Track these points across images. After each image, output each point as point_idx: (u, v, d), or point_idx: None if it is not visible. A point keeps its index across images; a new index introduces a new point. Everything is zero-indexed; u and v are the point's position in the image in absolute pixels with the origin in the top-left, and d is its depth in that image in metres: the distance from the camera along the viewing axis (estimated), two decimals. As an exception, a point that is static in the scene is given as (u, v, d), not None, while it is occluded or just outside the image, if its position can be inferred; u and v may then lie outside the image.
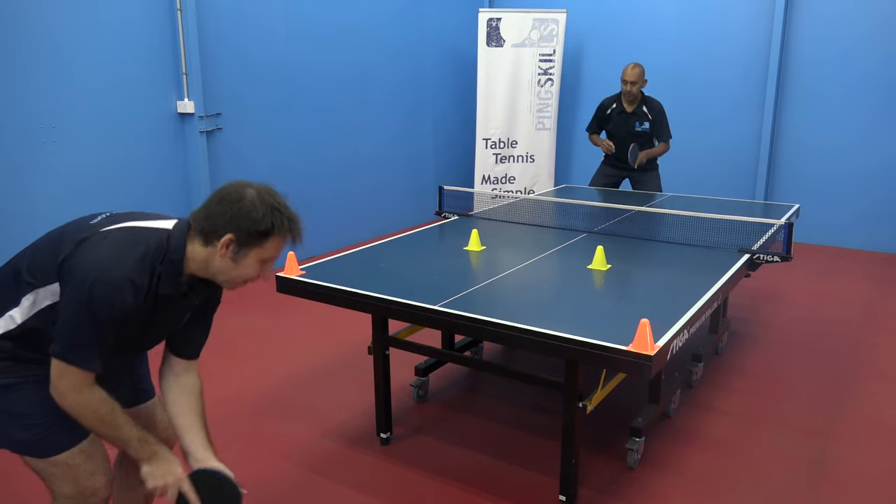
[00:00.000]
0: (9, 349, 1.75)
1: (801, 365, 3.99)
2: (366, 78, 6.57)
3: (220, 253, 1.72)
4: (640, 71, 5.09)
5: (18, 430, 1.78)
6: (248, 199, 1.70)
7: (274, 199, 1.75)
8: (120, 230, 1.72)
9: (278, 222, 1.72)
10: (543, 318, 2.41)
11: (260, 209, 1.70)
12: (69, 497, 1.83)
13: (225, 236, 1.70)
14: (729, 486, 2.84)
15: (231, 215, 1.70)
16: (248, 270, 1.77)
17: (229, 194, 1.72)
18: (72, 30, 4.33)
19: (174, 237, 1.74)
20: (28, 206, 4.22)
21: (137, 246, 1.69)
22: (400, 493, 2.81)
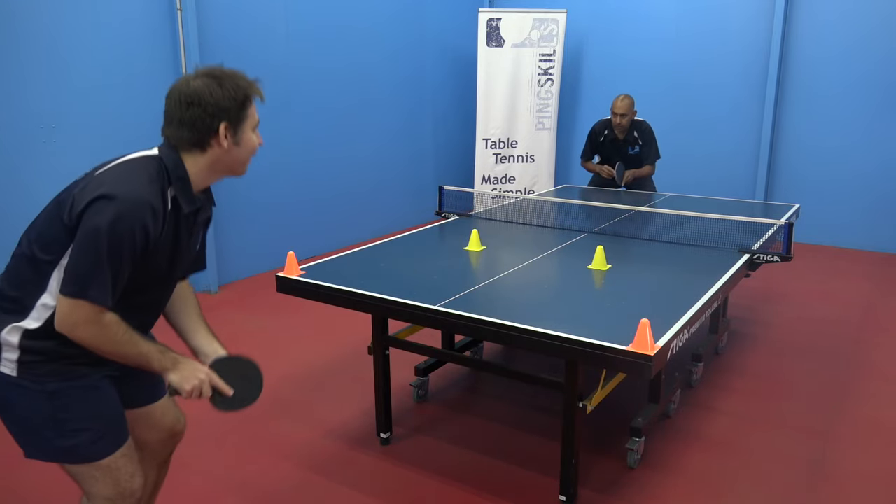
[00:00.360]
0: (51, 349, 1.68)
1: (801, 365, 3.99)
2: (366, 78, 6.57)
3: (225, 144, 1.73)
4: (629, 103, 5.10)
5: (63, 438, 1.72)
6: (208, 88, 1.69)
7: (223, 73, 1.73)
8: (115, 167, 1.68)
9: (246, 87, 1.74)
10: (543, 318, 2.41)
11: (225, 87, 1.70)
12: (107, 499, 1.81)
13: (220, 128, 1.70)
14: (729, 486, 2.84)
15: (209, 109, 1.68)
16: (252, 142, 1.79)
17: (189, 96, 1.68)
18: (72, 29, 4.33)
19: (168, 157, 1.72)
20: (28, 206, 4.19)
21: (141, 173, 1.66)
22: (400, 493, 2.81)
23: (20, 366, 1.68)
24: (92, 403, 1.75)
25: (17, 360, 1.68)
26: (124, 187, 1.60)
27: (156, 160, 1.71)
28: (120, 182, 1.62)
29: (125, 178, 1.64)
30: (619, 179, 5.16)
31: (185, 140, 1.72)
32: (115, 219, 1.56)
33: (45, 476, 2.83)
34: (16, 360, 1.68)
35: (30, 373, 1.68)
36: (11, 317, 1.69)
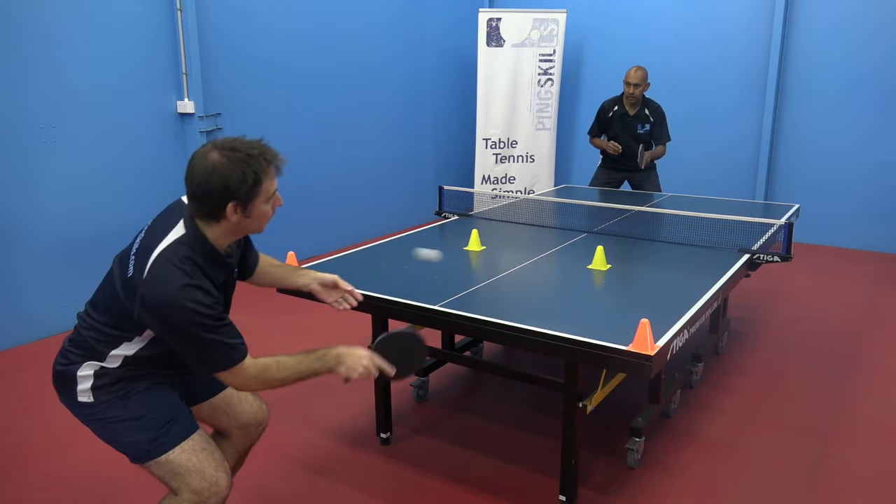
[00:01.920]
0: (119, 375, 1.91)
1: (801, 365, 3.99)
2: (366, 78, 6.57)
3: (234, 219, 1.81)
4: (643, 74, 5.05)
5: (143, 432, 1.90)
6: (221, 167, 1.73)
7: (240, 151, 1.77)
8: (155, 266, 1.76)
9: (259, 168, 1.78)
10: (543, 319, 2.41)
11: (237, 169, 1.74)
12: (195, 492, 1.93)
13: (228, 207, 1.77)
14: (729, 486, 2.84)
15: (219, 190, 1.74)
16: (265, 213, 1.88)
17: (203, 172, 1.74)
18: (71, 30, 4.33)
19: (192, 236, 1.81)
20: (28, 206, 4.23)
21: (175, 268, 1.75)
22: (400, 493, 2.81)
23: (94, 392, 1.90)
24: (156, 397, 1.94)
25: (90, 387, 1.89)
26: (171, 290, 1.71)
27: (182, 249, 1.79)
28: (164, 286, 1.72)
29: (166, 279, 1.73)
30: (641, 161, 5.10)
31: (199, 212, 1.81)
32: (195, 302, 1.72)
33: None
34: (90, 388, 1.89)
35: (104, 391, 1.90)
36: (88, 357, 1.90)
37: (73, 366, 1.90)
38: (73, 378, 1.89)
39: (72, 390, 1.90)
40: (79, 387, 1.89)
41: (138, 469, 2.01)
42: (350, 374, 1.93)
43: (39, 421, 3.35)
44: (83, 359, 1.90)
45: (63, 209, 4.40)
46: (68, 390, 1.91)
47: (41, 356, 4.11)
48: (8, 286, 4.20)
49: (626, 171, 5.34)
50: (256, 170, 1.77)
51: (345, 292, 2.35)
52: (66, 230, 4.42)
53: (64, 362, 1.92)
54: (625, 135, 5.22)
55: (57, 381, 1.94)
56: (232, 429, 2.25)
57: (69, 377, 1.90)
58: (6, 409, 3.49)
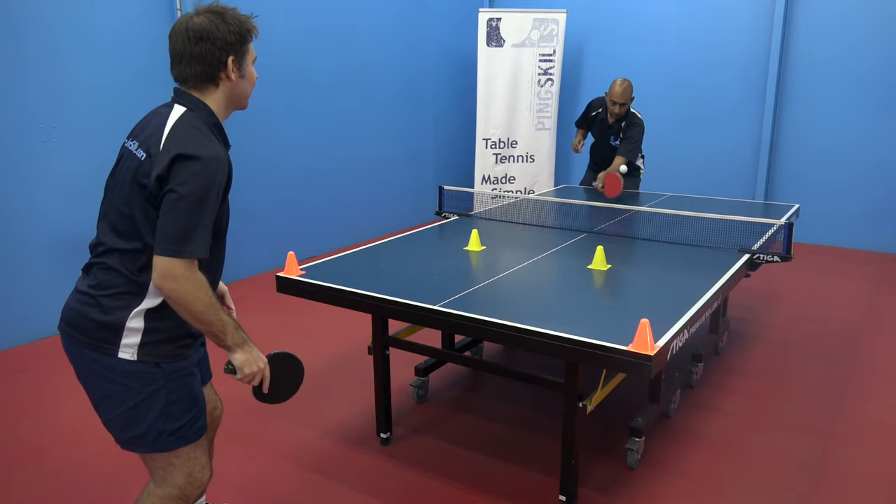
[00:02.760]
0: (171, 328, 1.79)
1: (801, 365, 3.99)
2: (366, 78, 6.57)
3: (233, 77, 1.81)
4: (628, 92, 4.81)
5: (170, 420, 1.81)
6: (214, 23, 1.76)
7: (224, 9, 1.81)
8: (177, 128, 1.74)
9: (245, 22, 1.83)
10: (543, 319, 2.41)
11: (228, 23, 1.78)
12: (178, 487, 1.90)
13: (228, 62, 1.79)
14: (729, 486, 2.84)
15: (217, 43, 1.76)
16: (253, 75, 1.90)
17: (196, 32, 1.76)
18: (72, 30, 4.33)
19: (196, 106, 1.81)
20: (28, 206, 4.23)
21: (204, 130, 1.76)
22: (400, 493, 2.81)
23: (141, 349, 1.76)
24: (193, 387, 1.88)
25: (139, 343, 1.76)
26: (198, 147, 1.69)
27: (194, 115, 1.78)
28: (191, 143, 1.70)
29: (192, 138, 1.72)
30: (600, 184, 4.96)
31: (198, 75, 1.79)
32: (205, 176, 1.67)
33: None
34: (137, 344, 1.75)
35: (150, 355, 1.77)
36: (131, 299, 1.76)
37: (118, 312, 1.74)
38: (119, 327, 1.73)
39: (112, 344, 1.74)
40: (124, 340, 1.74)
41: (138, 469, 2.02)
42: (243, 366, 1.84)
43: (40, 421, 3.36)
44: (124, 301, 1.75)
45: (63, 209, 4.40)
46: (107, 345, 1.74)
47: (41, 356, 4.11)
48: (8, 286, 4.20)
49: None
50: (244, 22, 1.82)
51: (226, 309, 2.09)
52: (66, 230, 4.42)
53: (100, 311, 1.74)
54: (601, 140, 5.20)
55: (91, 332, 1.75)
56: None
57: (113, 327, 1.74)
58: (7, 409, 3.49)
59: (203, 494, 1.98)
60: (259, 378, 1.90)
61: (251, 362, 1.86)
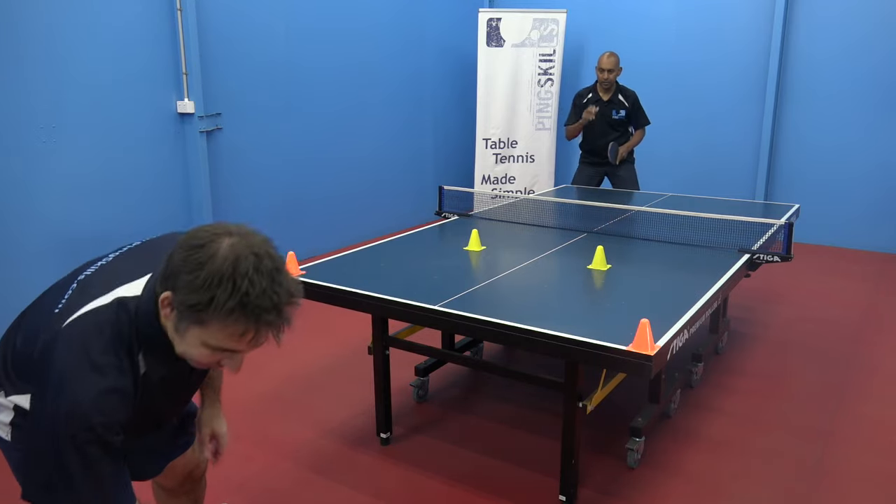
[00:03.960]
0: None
1: (801, 365, 3.99)
2: (366, 78, 6.57)
3: (164, 314, 1.29)
4: (615, 59, 5.13)
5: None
6: (207, 252, 1.21)
7: (244, 264, 1.20)
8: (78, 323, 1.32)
9: (222, 299, 1.18)
10: (543, 318, 2.41)
11: (207, 271, 1.19)
12: None
13: (163, 294, 1.26)
14: (729, 486, 2.84)
15: (178, 267, 1.23)
16: (192, 351, 1.29)
17: (195, 242, 1.23)
18: (72, 30, 4.33)
19: (143, 304, 1.34)
20: (28, 206, 4.22)
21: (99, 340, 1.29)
22: (400, 493, 2.81)
23: (13, 430, 1.46)
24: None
25: (9, 422, 1.46)
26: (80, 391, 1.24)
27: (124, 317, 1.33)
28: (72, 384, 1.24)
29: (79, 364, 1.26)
30: (613, 158, 5.14)
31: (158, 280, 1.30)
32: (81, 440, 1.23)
33: None
34: (9, 423, 1.46)
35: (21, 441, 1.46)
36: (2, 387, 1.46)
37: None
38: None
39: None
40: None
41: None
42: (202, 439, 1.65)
43: (39, 421, 3.35)
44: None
45: (63, 209, 4.40)
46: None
47: (41, 356, 4.11)
48: (8, 286, 4.19)
49: (603, 165, 5.38)
50: (217, 299, 1.19)
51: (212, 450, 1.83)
52: (65, 230, 4.41)
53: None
54: (601, 122, 5.26)
55: None
56: (169, 485, 1.95)
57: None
58: (6, 409, 3.49)
59: None
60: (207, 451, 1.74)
61: (204, 433, 1.68)
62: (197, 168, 5.11)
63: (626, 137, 5.33)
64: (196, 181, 5.13)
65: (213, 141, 5.24)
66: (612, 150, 5.13)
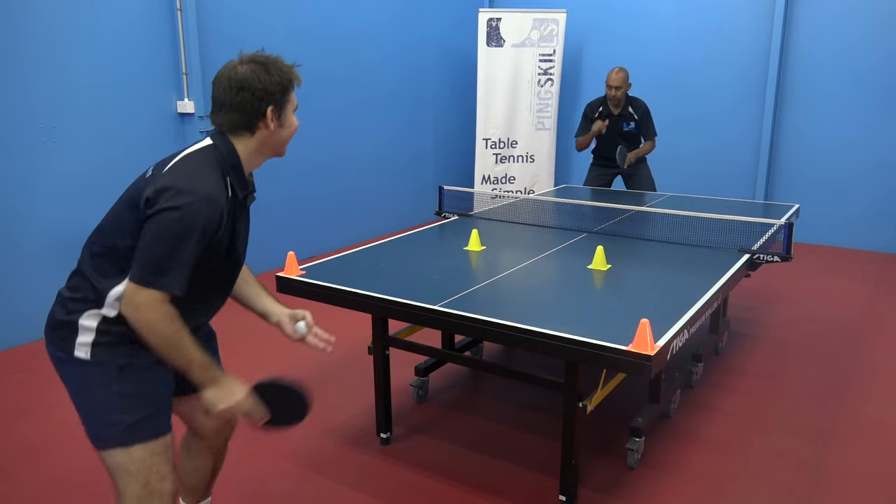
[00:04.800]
0: (124, 332, 1.77)
1: (801, 365, 3.99)
2: (366, 78, 6.57)
3: (271, 126, 1.83)
4: (624, 76, 5.12)
5: (122, 413, 1.79)
6: (256, 73, 1.78)
7: (267, 59, 1.83)
8: (181, 162, 1.76)
9: (289, 72, 1.85)
10: (543, 319, 2.41)
11: (271, 73, 1.80)
12: (134, 497, 1.84)
13: (267, 111, 1.81)
14: (729, 486, 2.84)
15: (257, 93, 1.78)
16: (293, 124, 1.92)
17: (238, 81, 1.78)
18: (72, 30, 4.33)
19: (222, 146, 1.82)
20: (28, 206, 4.23)
21: (204, 166, 1.76)
22: (400, 493, 2.81)
23: (94, 348, 1.78)
24: (151, 382, 1.85)
25: (91, 342, 1.77)
26: (193, 181, 1.70)
27: (213, 151, 1.81)
28: (188, 176, 1.71)
29: (192, 171, 1.73)
30: (622, 162, 5.14)
31: (235, 123, 1.81)
32: (187, 211, 1.66)
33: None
34: (90, 343, 1.78)
35: (103, 353, 1.78)
36: (90, 305, 1.79)
37: (76, 314, 1.79)
38: (75, 327, 1.78)
39: (69, 342, 1.79)
40: (78, 338, 1.78)
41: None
42: (216, 403, 1.83)
43: (40, 421, 3.36)
44: (84, 305, 1.79)
45: (63, 209, 4.40)
46: (65, 343, 1.79)
47: (41, 356, 4.09)
48: (8, 286, 4.20)
49: (615, 167, 5.37)
50: (286, 73, 1.84)
51: (314, 332, 2.28)
52: (66, 230, 4.41)
53: (64, 311, 1.81)
54: (612, 134, 5.26)
55: (54, 330, 1.82)
56: (205, 429, 2.20)
57: (71, 326, 1.78)
58: (6, 409, 3.49)
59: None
60: (240, 411, 1.86)
61: (223, 399, 1.83)
62: (197, 168, 5.11)
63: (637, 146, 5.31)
64: (196, 181, 5.12)
65: (213, 141, 5.24)
66: (619, 153, 5.12)
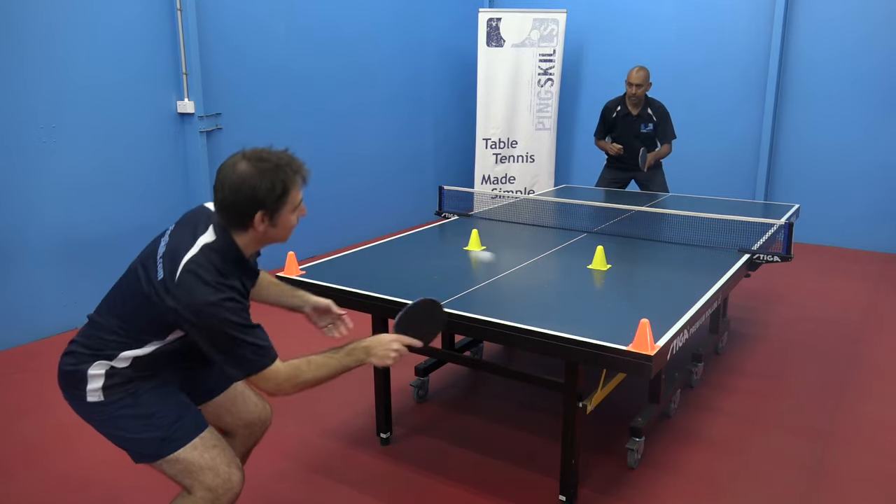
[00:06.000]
0: (130, 374, 1.90)
1: (801, 365, 3.99)
2: (366, 78, 6.57)
3: (261, 228, 1.86)
4: (645, 74, 5.09)
5: (154, 430, 1.91)
6: (250, 176, 1.80)
7: (268, 161, 1.84)
8: (186, 274, 1.80)
9: (288, 178, 1.85)
10: (544, 318, 2.41)
11: (267, 178, 1.81)
12: (209, 489, 1.93)
13: (256, 216, 1.83)
14: (729, 486, 2.84)
15: (248, 200, 1.81)
16: (290, 223, 1.94)
17: (232, 182, 1.81)
18: (72, 30, 4.33)
19: (223, 239, 1.87)
20: (28, 206, 4.22)
21: (212, 268, 1.81)
22: (400, 493, 2.81)
23: (105, 391, 1.89)
24: (165, 395, 1.96)
25: (101, 387, 1.89)
26: (212, 292, 1.77)
27: (215, 255, 1.84)
28: (205, 288, 1.78)
29: (205, 282, 1.79)
30: (643, 164, 5.10)
31: (230, 223, 1.87)
32: (227, 315, 1.77)
33: (45, 476, 2.83)
34: (100, 388, 1.89)
35: (115, 391, 1.90)
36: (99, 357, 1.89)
37: (83, 365, 1.89)
38: (84, 377, 1.88)
39: (80, 390, 1.89)
40: (88, 386, 1.88)
41: (138, 469, 2.01)
42: (384, 361, 2.02)
43: (40, 421, 3.36)
44: (93, 358, 1.89)
45: (63, 209, 4.40)
46: (76, 390, 1.90)
47: (41, 356, 4.11)
48: (8, 286, 4.20)
49: (630, 170, 5.34)
50: (284, 180, 1.84)
51: (336, 318, 2.42)
52: (66, 230, 4.42)
53: (72, 362, 1.91)
54: (628, 135, 5.23)
55: (64, 381, 1.93)
56: (237, 428, 2.27)
57: (79, 376, 1.89)
58: (7, 409, 3.49)
59: (235, 498, 2.00)
60: (404, 349, 2.07)
61: (383, 357, 2.03)
62: (197, 168, 5.11)
63: (653, 149, 5.27)
64: (196, 181, 5.13)
65: (213, 141, 5.25)
66: (642, 155, 5.06)
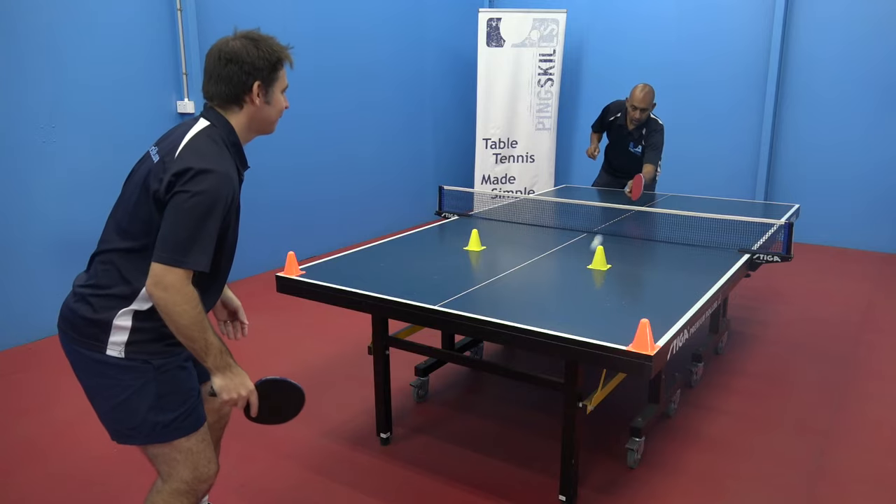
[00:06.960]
0: (157, 328, 1.79)
1: (801, 365, 3.99)
2: (366, 78, 6.57)
3: (258, 102, 1.87)
4: (649, 96, 4.70)
5: (162, 413, 1.83)
6: (246, 48, 1.83)
7: (259, 36, 1.87)
8: (192, 143, 1.79)
9: (280, 51, 1.89)
10: (543, 318, 2.41)
11: (260, 49, 1.84)
12: (185, 482, 1.91)
13: (254, 86, 1.85)
14: (729, 486, 2.84)
15: (245, 67, 1.83)
16: (280, 103, 1.96)
17: (228, 54, 1.83)
18: (71, 29, 4.33)
19: (218, 122, 1.87)
20: (28, 206, 4.23)
21: (216, 146, 1.81)
22: (400, 493, 2.81)
23: (128, 347, 1.79)
24: (184, 381, 1.89)
25: (125, 341, 1.79)
26: (210, 161, 1.74)
27: (215, 130, 1.85)
28: (204, 156, 1.75)
29: (206, 151, 1.78)
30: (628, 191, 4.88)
31: (224, 96, 1.86)
32: (209, 191, 1.70)
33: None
34: (124, 343, 1.79)
35: (138, 352, 1.80)
36: (121, 300, 1.80)
37: (107, 312, 1.78)
38: (108, 326, 1.77)
39: (101, 341, 1.77)
40: (112, 337, 1.78)
41: (138, 469, 2.01)
42: (222, 392, 1.84)
43: (39, 421, 3.36)
44: (115, 302, 1.78)
45: (63, 209, 4.40)
46: (95, 341, 1.78)
47: (41, 356, 4.11)
48: (8, 286, 4.20)
49: (625, 179, 5.31)
50: (277, 51, 1.87)
51: (235, 321, 2.33)
52: (65, 230, 4.42)
53: (90, 309, 1.79)
54: (621, 145, 5.13)
55: (79, 328, 1.80)
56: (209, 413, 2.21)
57: (102, 325, 1.77)
58: (6, 409, 3.49)
59: (209, 488, 1.98)
60: (243, 404, 1.88)
61: (231, 389, 1.84)
62: (197, 168, 5.11)
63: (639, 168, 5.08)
64: (196, 181, 5.12)
65: (213, 141, 5.24)
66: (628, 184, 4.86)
